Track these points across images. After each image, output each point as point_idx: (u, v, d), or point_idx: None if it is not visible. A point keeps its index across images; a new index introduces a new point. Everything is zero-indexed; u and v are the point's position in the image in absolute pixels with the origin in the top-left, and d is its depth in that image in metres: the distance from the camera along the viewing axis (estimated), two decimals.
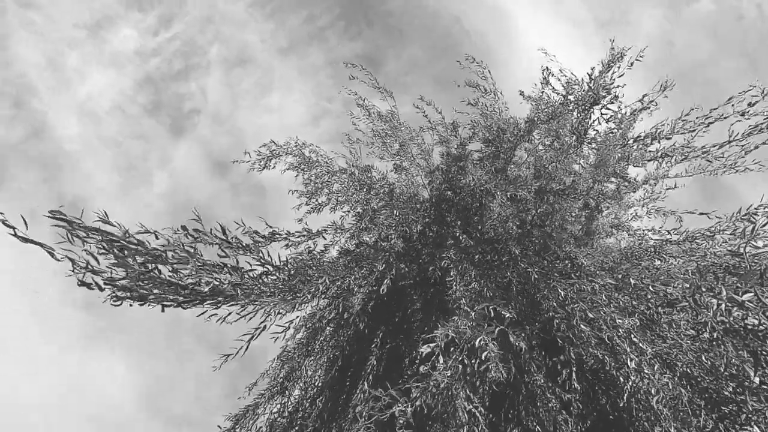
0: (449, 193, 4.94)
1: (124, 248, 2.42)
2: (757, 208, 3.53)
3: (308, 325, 4.68)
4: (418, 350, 2.65)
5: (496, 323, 2.86)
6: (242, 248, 3.02)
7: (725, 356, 2.64)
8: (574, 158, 4.70)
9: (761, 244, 3.03)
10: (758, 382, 2.50)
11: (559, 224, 4.60)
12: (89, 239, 2.34)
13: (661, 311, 3.18)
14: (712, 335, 2.63)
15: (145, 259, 2.46)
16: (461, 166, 4.84)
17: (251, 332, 3.56)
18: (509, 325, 2.96)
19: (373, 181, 5.13)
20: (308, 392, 4.69)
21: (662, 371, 2.97)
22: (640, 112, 4.75)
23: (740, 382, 2.80)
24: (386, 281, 3.84)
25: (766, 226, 2.94)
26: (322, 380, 4.67)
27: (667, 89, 4.61)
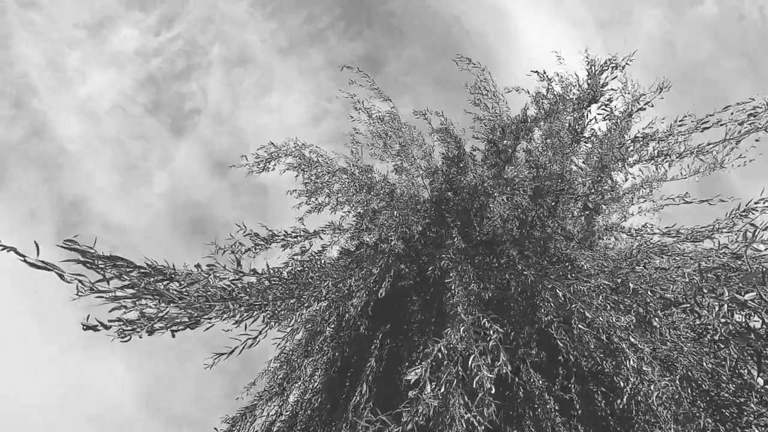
0: (450, 193, 4.94)
1: (140, 276, 2.43)
2: (757, 202, 3.52)
3: (308, 326, 4.67)
4: (406, 374, 2.61)
5: (492, 332, 2.85)
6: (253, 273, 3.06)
7: (728, 359, 2.63)
8: (571, 158, 4.70)
9: (763, 247, 3.02)
10: (762, 383, 2.49)
11: (558, 225, 4.59)
12: (101, 267, 2.35)
13: (660, 314, 3.18)
14: (713, 338, 2.62)
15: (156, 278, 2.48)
16: (461, 166, 4.84)
17: (251, 334, 3.55)
18: (501, 340, 2.95)
19: (373, 181, 5.13)
20: (307, 393, 4.68)
21: (662, 373, 2.96)
22: (635, 112, 4.76)
23: (742, 384, 2.79)
24: (384, 284, 3.84)
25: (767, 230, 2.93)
26: (321, 381, 4.66)
27: (663, 90, 4.61)
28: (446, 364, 2.58)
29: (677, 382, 2.99)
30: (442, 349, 2.64)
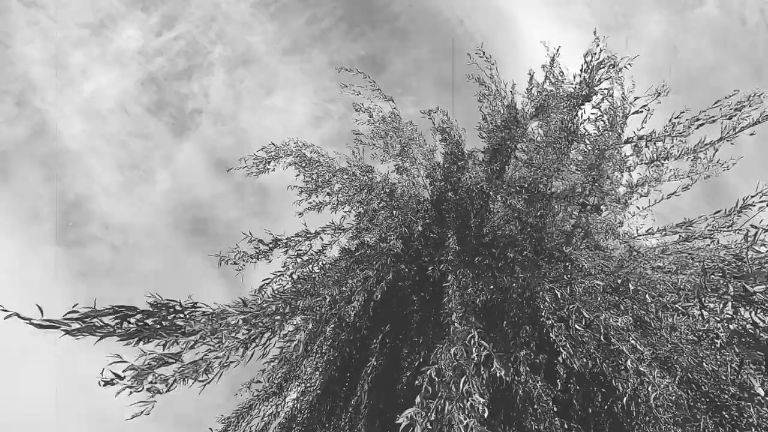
0: (450, 194, 4.93)
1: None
2: (753, 196, 3.50)
3: (309, 328, 4.65)
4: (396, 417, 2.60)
5: (483, 349, 2.83)
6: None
7: (728, 363, 2.61)
8: (569, 159, 4.68)
9: (764, 250, 2.99)
10: (763, 393, 2.47)
11: (558, 226, 4.58)
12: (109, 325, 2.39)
13: (660, 315, 3.16)
14: (714, 340, 2.60)
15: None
16: (460, 165, 4.84)
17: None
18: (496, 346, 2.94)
19: (374, 181, 5.12)
20: (306, 394, 4.67)
21: (662, 374, 2.95)
22: (632, 114, 4.75)
23: (742, 388, 2.78)
24: (381, 285, 3.84)
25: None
26: (320, 381, 4.64)
27: (661, 95, 4.60)
28: (439, 389, 2.57)
29: (677, 383, 2.97)
30: (432, 375, 2.63)
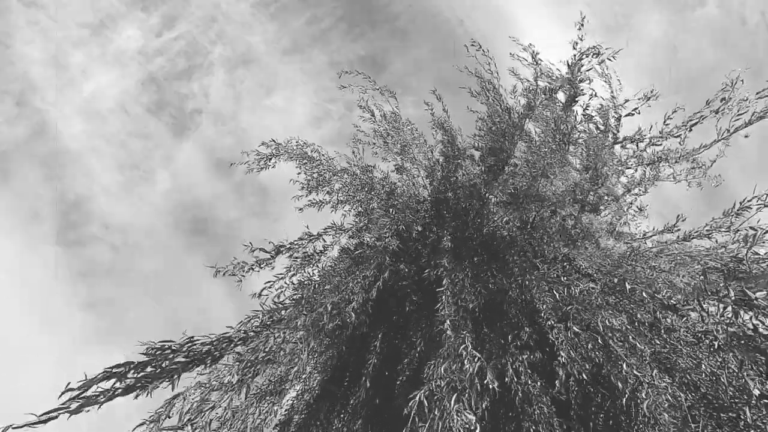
0: (450, 194, 4.92)
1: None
2: (750, 200, 3.49)
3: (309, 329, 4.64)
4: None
5: (476, 360, 2.84)
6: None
7: (726, 366, 2.61)
8: (565, 159, 4.68)
9: (763, 251, 2.99)
10: (758, 393, 2.45)
11: (557, 227, 4.57)
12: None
13: (659, 316, 3.16)
14: (712, 343, 2.59)
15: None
16: (458, 163, 4.83)
17: None
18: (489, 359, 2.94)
19: (374, 181, 5.12)
20: (305, 393, 4.66)
21: (660, 376, 2.94)
22: (624, 117, 4.77)
23: (740, 390, 2.77)
24: (377, 284, 3.84)
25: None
26: (319, 381, 4.64)
27: (651, 99, 4.61)
28: (434, 407, 2.58)
29: (676, 385, 2.97)
30: (422, 398, 2.65)
